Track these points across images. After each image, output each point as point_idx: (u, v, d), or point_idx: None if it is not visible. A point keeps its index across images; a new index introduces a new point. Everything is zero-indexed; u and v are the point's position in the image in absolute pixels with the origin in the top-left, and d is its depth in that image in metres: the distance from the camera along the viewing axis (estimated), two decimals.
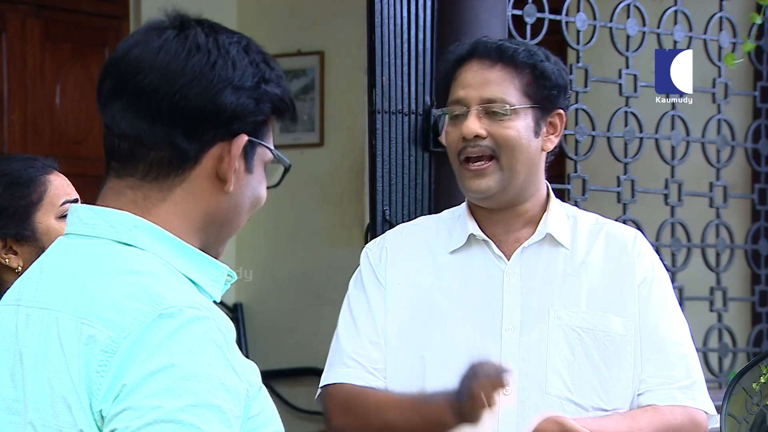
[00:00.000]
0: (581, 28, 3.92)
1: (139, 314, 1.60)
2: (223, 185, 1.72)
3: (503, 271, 2.60)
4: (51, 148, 5.82)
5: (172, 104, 1.68)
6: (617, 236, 2.66)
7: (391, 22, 3.43)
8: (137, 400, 1.56)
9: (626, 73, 4.10)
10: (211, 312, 1.64)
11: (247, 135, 1.72)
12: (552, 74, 2.58)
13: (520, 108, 2.55)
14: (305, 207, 6.13)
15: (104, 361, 1.59)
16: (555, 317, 2.57)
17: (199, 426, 1.56)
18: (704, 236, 4.48)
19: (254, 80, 1.73)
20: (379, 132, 3.40)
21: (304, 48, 6.17)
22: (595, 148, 3.98)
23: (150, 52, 1.70)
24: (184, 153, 1.70)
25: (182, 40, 1.71)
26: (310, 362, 6.05)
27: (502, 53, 2.57)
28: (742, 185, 4.82)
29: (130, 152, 1.71)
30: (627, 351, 2.58)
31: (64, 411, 1.62)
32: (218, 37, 1.73)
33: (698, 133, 4.41)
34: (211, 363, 1.60)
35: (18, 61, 5.80)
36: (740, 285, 4.83)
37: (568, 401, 2.55)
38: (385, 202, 3.40)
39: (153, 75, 1.69)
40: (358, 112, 5.78)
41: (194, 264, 1.71)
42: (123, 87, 1.71)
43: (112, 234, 1.70)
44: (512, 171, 2.56)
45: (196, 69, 1.69)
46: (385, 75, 3.42)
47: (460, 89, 2.59)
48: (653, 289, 2.62)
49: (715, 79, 4.42)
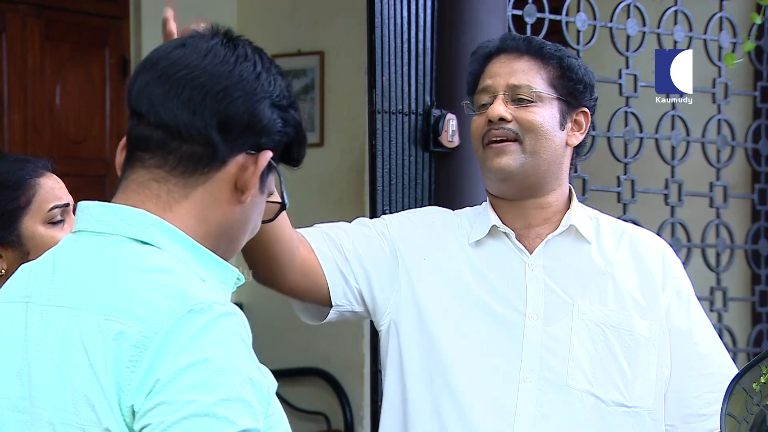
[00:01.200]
0: (581, 28, 3.92)
1: (170, 310, 1.62)
2: (239, 195, 1.75)
3: (526, 263, 2.61)
4: (51, 148, 5.82)
5: (216, 101, 1.72)
6: (642, 241, 2.67)
7: (391, 22, 3.43)
8: (172, 395, 1.57)
9: (626, 73, 4.10)
10: (234, 309, 1.67)
11: None
12: (578, 69, 2.60)
13: (546, 96, 2.56)
14: (305, 207, 6.13)
15: (135, 356, 1.60)
16: (579, 311, 2.58)
17: (233, 420, 1.58)
18: (704, 236, 4.48)
19: (287, 102, 1.79)
20: (379, 132, 3.40)
21: (304, 48, 6.17)
22: (595, 148, 3.98)
23: (197, 53, 1.75)
24: (216, 151, 1.73)
25: (231, 48, 1.76)
26: (311, 362, 6.05)
27: (530, 45, 2.60)
28: (742, 185, 4.83)
29: (163, 142, 1.74)
30: (651, 352, 2.59)
31: (86, 409, 1.62)
32: (262, 55, 1.79)
33: (698, 133, 4.41)
34: (241, 358, 1.62)
35: (18, 61, 5.80)
36: (740, 285, 4.83)
37: (589, 394, 2.55)
38: (385, 202, 3.40)
39: (200, 71, 1.73)
40: (358, 112, 5.79)
41: (206, 265, 1.73)
42: (166, 78, 1.74)
43: (129, 231, 1.71)
44: (535, 155, 2.56)
45: (243, 74, 1.74)
46: (385, 75, 3.42)
47: (487, 78, 2.60)
48: (691, 309, 2.66)
49: (715, 79, 4.42)
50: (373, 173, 3.42)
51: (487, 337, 2.56)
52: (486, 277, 2.61)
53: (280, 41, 6.19)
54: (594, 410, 2.55)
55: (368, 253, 2.62)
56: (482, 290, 2.60)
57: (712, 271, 4.51)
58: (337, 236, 2.63)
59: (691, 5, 4.31)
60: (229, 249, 1.80)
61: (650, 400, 2.59)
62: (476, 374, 2.55)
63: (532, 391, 2.53)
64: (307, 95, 6.17)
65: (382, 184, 3.40)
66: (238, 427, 1.58)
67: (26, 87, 5.84)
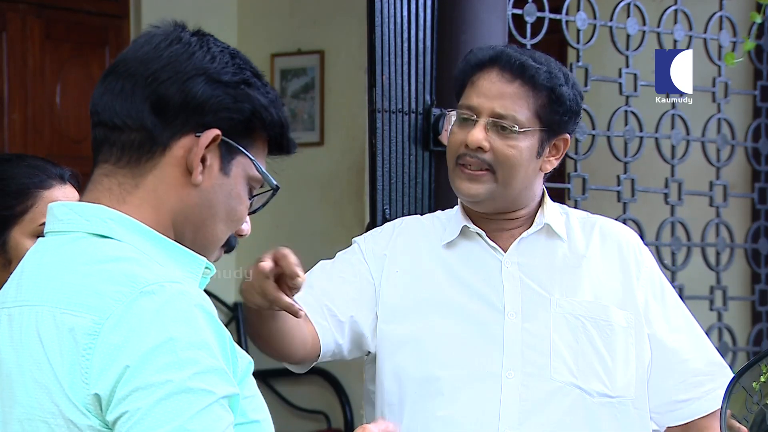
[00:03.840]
0: (581, 27, 3.92)
1: (119, 295, 1.62)
2: (190, 179, 1.73)
3: (501, 261, 2.62)
4: (51, 148, 5.83)
5: (145, 86, 1.72)
6: (613, 233, 2.70)
7: (391, 21, 3.43)
8: (144, 378, 1.57)
9: (626, 72, 4.09)
10: (189, 285, 1.67)
11: (222, 133, 1.73)
12: (567, 99, 2.59)
13: (528, 130, 2.56)
14: (305, 206, 6.13)
15: (88, 344, 1.61)
16: (557, 305, 2.60)
17: (211, 389, 1.59)
18: (704, 235, 4.48)
19: (234, 78, 1.74)
20: (379, 131, 3.40)
21: (304, 47, 6.18)
22: (595, 147, 3.98)
23: (134, 47, 1.77)
24: (153, 136, 1.72)
25: (167, 36, 1.76)
26: None
27: (524, 71, 2.57)
28: (742, 184, 4.82)
29: (105, 137, 1.75)
30: (629, 342, 2.61)
31: (48, 402, 1.64)
32: (205, 38, 1.76)
33: (698, 132, 4.41)
34: (203, 329, 1.62)
35: (18, 61, 5.80)
36: (740, 284, 4.83)
37: (573, 386, 2.57)
38: (386, 201, 3.40)
39: (131, 62, 1.74)
40: (358, 112, 5.79)
41: (170, 255, 1.72)
42: (104, 77, 1.78)
43: (88, 227, 1.71)
44: (506, 185, 2.58)
45: (171, 56, 1.73)
46: (385, 74, 3.41)
47: (474, 96, 2.59)
48: (666, 299, 2.68)
49: (715, 79, 4.42)
50: (373, 172, 3.42)
51: (468, 338, 2.58)
52: (461, 278, 2.62)
53: (280, 40, 6.20)
54: (578, 402, 2.57)
55: (358, 307, 2.63)
56: (458, 292, 2.62)
57: (712, 270, 4.51)
58: (332, 302, 2.63)
59: (691, 4, 4.31)
60: (198, 237, 1.76)
61: (632, 389, 2.61)
62: (460, 373, 2.57)
63: (516, 386, 2.55)
64: (307, 94, 6.18)
65: (382, 183, 3.40)
66: (216, 395, 1.59)
67: (26, 86, 5.84)
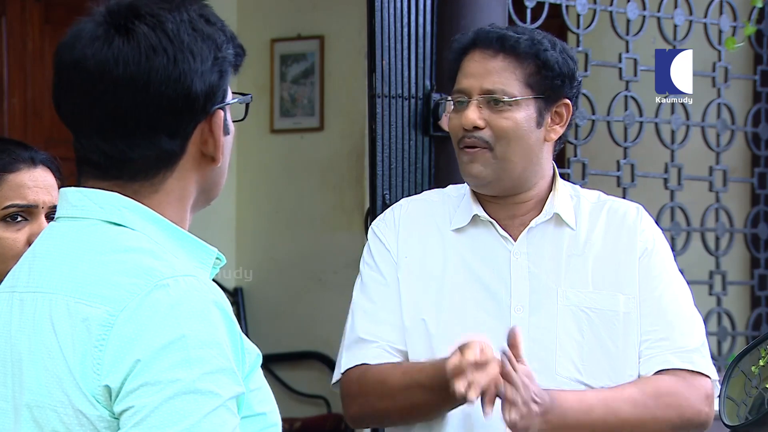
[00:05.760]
0: (581, 12, 3.91)
1: (135, 287, 1.62)
2: (210, 161, 1.74)
3: (510, 251, 2.61)
4: (51, 132, 5.82)
5: (149, 115, 1.68)
6: (618, 211, 2.68)
7: (391, 6, 3.43)
8: (154, 374, 1.57)
9: (626, 57, 4.09)
10: (204, 278, 1.67)
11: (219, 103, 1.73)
12: (556, 63, 2.57)
13: (522, 99, 2.55)
14: (305, 191, 6.13)
15: (102, 335, 1.61)
16: (563, 297, 2.58)
17: (218, 392, 1.59)
18: (704, 220, 4.48)
19: (212, 56, 1.72)
20: (379, 116, 3.40)
21: (304, 32, 6.16)
22: (595, 132, 3.98)
23: (107, 65, 1.69)
24: (171, 152, 1.71)
25: (135, 46, 1.69)
26: (310, 346, 6.06)
27: (504, 43, 2.57)
28: (741, 169, 4.82)
29: (111, 165, 1.72)
30: (632, 329, 2.59)
31: (58, 391, 1.63)
32: (165, 28, 1.70)
33: (698, 117, 4.41)
34: (217, 326, 1.62)
35: (18, 45, 5.79)
36: (739, 269, 4.83)
37: (578, 383, 2.56)
38: (385, 186, 3.40)
39: (121, 92, 1.68)
40: (358, 97, 5.78)
41: (182, 245, 1.72)
42: (92, 107, 1.72)
43: (101, 214, 1.70)
44: (507, 161, 2.56)
45: (160, 73, 1.67)
46: (385, 59, 3.41)
47: (463, 79, 2.60)
48: (653, 261, 2.63)
49: (715, 63, 4.41)
50: (373, 157, 3.42)
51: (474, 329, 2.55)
52: (470, 267, 2.60)
53: (279, 25, 6.19)
54: None
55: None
56: (465, 279, 2.60)
57: (712, 255, 4.52)
58: (394, 330, 2.60)
59: None
60: (212, 195, 1.78)
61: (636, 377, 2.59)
62: None
63: None
64: (307, 79, 6.17)
65: (381, 169, 3.40)
66: (222, 398, 1.59)
67: (26, 70, 5.83)
